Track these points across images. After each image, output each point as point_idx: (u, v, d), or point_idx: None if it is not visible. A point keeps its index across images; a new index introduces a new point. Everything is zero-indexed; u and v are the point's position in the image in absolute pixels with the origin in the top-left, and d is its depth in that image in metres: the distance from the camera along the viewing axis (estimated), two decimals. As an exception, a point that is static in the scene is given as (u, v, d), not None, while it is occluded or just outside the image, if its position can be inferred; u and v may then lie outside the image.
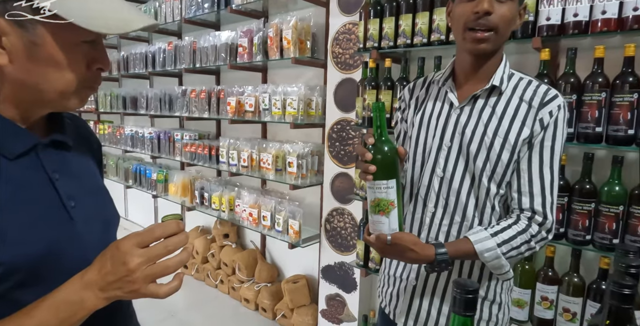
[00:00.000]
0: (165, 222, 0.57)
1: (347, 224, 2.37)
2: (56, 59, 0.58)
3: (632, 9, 1.30)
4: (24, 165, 0.60)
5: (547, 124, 0.98)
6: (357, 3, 2.18)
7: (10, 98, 0.59)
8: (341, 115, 2.34)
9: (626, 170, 1.41)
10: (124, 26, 0.57)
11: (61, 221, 0.62)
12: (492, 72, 1.03)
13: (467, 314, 0.51)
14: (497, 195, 1.03)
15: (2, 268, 0.53)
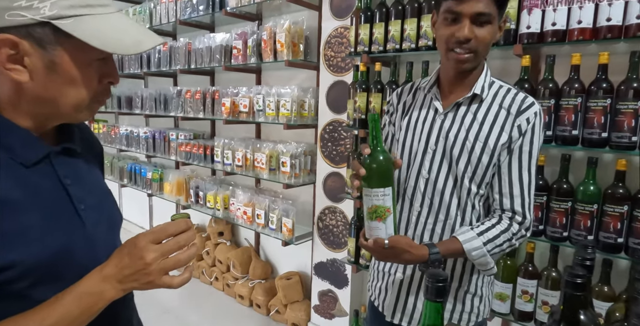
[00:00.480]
0: (176, 221, 0.64)
1: (339, 222, 2.45)
2: (72, 76, 0.63)
3: (606, 20, 1.38)
4: (39, 172, 0.66)
5: (525, 131, 1.06)
6: (349, 8, 2.24)
7: (27, 112, 0.65)
8: (333, 116, 2.41)
9: (600, 170, 1.49)
10: (136, 47, 0.63)
11: (73, 223, 0.68)
12: (474, 80, 1.10)
13: (438, 300, 0.58)
14: (477, 195, 1.11)
15: (22, 267, 0.59)
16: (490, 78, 1.13)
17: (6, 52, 0.59)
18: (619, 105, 1.37)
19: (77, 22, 0.59)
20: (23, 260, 0.59)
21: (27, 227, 0.60)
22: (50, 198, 0.66)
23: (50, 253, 0.62)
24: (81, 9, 0.60)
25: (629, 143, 1.37)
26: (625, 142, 1.38)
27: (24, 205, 0.61)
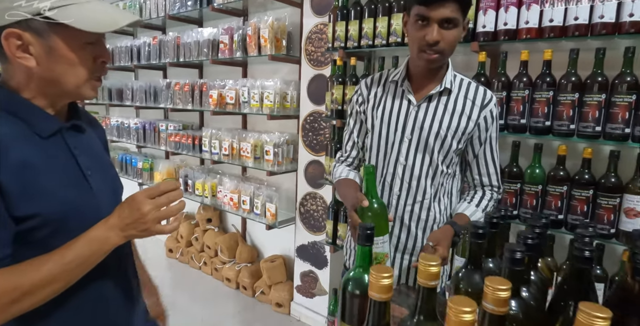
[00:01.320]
0: (167, 181, 0.79)
1: (319, 207, 2.61)
2: (69, 58, 0.76)
3: (549, 21, 1.55)
4: (53, 142, 0.80)
5: (492, 121, 1.26)
6: (328, 5, 2.39)
7: (39, 92, 0.79)
8: (314, 107, 2.56)
9: (545, 155, 1.67)
10: (112, 24, 0.77)
11: (82, 185, 0.82)
12: (443, 75, 1.26)
13: (367, 244, 0.75)
14: (446, 175, 1.29)
15: (41, 218, 0.74)
16: (454, 72, 1.29)
17: (14, 42, 0.73)
18: (560, 97, 1.55)
19: (63, 11, 0.73)
20: (42, 212, 0.74)
21: (45, 186, 0.75)
22: (62, 164, 0.80)
23: (63, 208, 0.77)
24: (67, 0, 0.74)
25: (568, 131, 1.55)
26: (565, 130, 1.56)
27: (42, 168, 0.76)
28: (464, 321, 0.48)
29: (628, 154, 1.53)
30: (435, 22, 1.11)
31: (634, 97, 1.42)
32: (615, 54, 1.48)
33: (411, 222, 1.31)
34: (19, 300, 0.69)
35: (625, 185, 1.49)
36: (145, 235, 0.77)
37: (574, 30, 1.51)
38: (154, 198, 0.77)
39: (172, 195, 0.78)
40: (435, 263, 0.55)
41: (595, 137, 1.51)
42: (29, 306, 0.70)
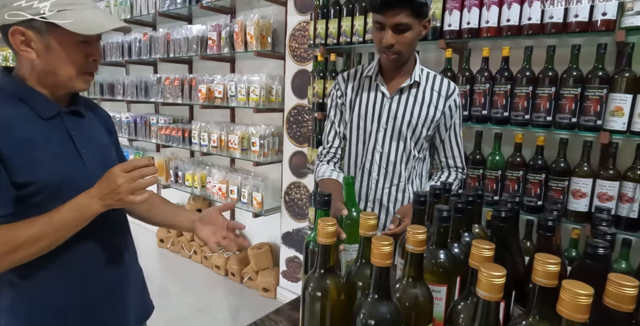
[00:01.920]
0: (141, 158, 0.92)
1: (303, 195, 2.76)
2: (63, 54, 0.89)
3: (506, 20, 1.71)
4: (52, 124, 0.93)
5: (455, 109, 1.40)
6: (310, 4, 2.53)
7: (40, 81, 0.93)
8: (298, 101, 2.70)
9: (504, 143, 1.83)
10: (98, 28, 0.90)
11: (76, 160, 0.95)
12: (411, 70, 1.39)
13: (324, 208, 0.89)
14: (418, 159, 1.44)
15: (37, 185, 0.87)
16: (421, 66, 1.43)
17: (19, 38, 0.87)
18: (516, 90, 1.71)
19: (59, 15, 0.87)
20: (38, 180, 0.87)
21: (42, 159, 0.88)
22: (59, 142, 0.94)
23: (56, 178, 0.90)
24: (63, 6, 0.87)
25: (524, 121, 1.71)
26: (520, 120, 1.71)
27: (40, 144, 0.89)
28: (384, 253, 0.62)
29: (575, 141, 1.70)
30: (389, 27, 1.24)
31: (579, 90, 1.58)
32: (564, 50, 1.64)
33: (389, 203, 1.46)
34: (13, 252, 0.82)
35: (572, 169, 1.65)
36: (121, 205, 0.88)
37: (528, 29, 1.67)
38: (128, 172, 0.88)
39: (144, 170, 0.88)
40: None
41: (547, 126, 1.67)
42: (22, 258, 0.84)
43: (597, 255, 0.65)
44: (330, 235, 0.70)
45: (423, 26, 1.31)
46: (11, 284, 0.92)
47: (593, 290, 0.49)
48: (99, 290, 1.01)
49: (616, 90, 1.52)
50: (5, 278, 0.91)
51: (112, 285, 1.04)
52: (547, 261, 0.56)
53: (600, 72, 1.54)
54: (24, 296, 0.92)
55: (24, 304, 0.92)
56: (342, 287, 0.73)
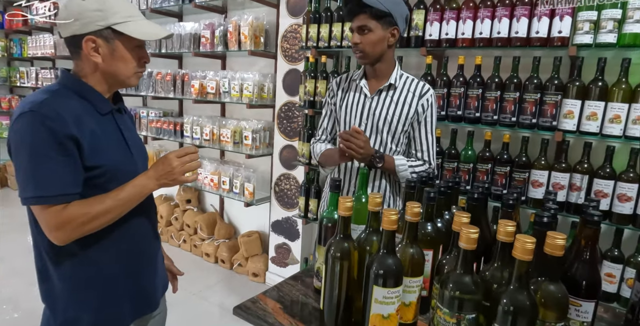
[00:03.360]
0: (189, 146, 1.12)
1: (292, 186, 2.97)
2: (124, 57, 1.07)
3: (479, 33, 1.96)
4: (107, 119, 1.10)
5: (427, 108, 1.62)
6: (302, 8, 2.72)
7: (100, 81, 1.09)
8: (288, 98, 2.90)
9: (476, 140, 2.10)
10: (155, 35, 1.10)
11: (125, 149, 1.13)
12: (389, 73, 1.62)
13: (335, 191, 1.11)
14: (395, 152, 1.65)
15: (102, 168, 1.04)
16: (400, 71, 1.66)
17: (90, 45, 1.04)
18: (486, 94, 1.97)
19: (123, 25, 1.05)
20: (102, 164, 1.04)
21: (104, 148, 1.06)
22: (113, 135, 1.11)
23: (115, 163, 1.07)
24: (126, 18, 1.06)
25: (492, 121, 1.98)
26: (490, 120, 1.98)
27: (101, 135, 1.06)
28: (391, 219, 0.85)
29: (536, 139, 1.98)
30: (355, 29, 1.51)
31: (539, 95, 1.86)
32: (527, 61, 1.91)
33: (368, 188, 1.69)
34: (87, 223, 1.00)
35: (532, 162, 1.94)
36: (174, 183, 1.09)
37: (497, 41, 1.93)
38: (180, 157, 1.08)
39: (192, 156, 1.10)
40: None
41: (512, 125, 1.94)
42: (95, 228, 1.02)
43: (542, 223, 0.90)
44: (348, 209, 0.92)
45: (391, 34, 1.52)
46: (71, 254, 1.08)
47: (535, 239, 0.73)
48: (142, 258, 1.20)
49: (568, 96, 1.80)
50: (68, 249, 1.08)
51: (150, 254, 1.23)
52: (507, 224, 0.80)
53: (556, 80, 1.82)
54: (82, 264, 1.09)
55: (82, 271, 1.10)
56: (357, 249, 0.95)
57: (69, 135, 0.97)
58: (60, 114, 0.98)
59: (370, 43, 1.50)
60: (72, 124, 0.99)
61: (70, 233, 1.00)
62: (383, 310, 0.87)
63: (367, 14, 1.46)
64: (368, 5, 1.44)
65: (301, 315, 1.07)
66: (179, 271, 1.51)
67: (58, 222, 0.98)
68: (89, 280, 1.11)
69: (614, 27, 1.69)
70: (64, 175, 0.99)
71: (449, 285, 0.80)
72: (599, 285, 0.98)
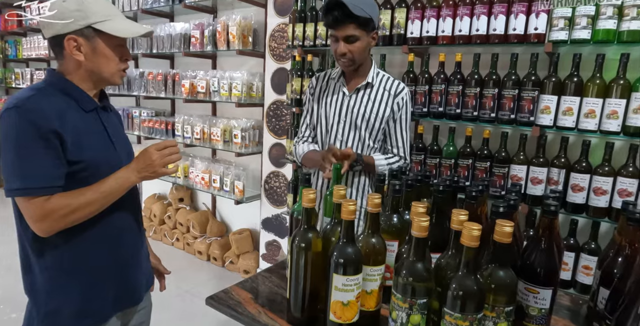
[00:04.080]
0: (169, 140, 1.14)
1: (282, 184, 3.00)
2: (106, 55, 1.11)
3: (458, 30, 1.99)
4: (92, 116, 1.13)
5: (402, 106, 1.65)
6: (289, 7, 2.75)
7: (84, 79, 1.13)
8: (277, 97, 2.93)
9: (457, 136, 2.13)
10: (134, 33, 1.13)
11: (109, 146, 1.16)
12: (367, 72, 1.65)
13: (306, 185, 1.14)
14: (372, 148, 1.69)
15: (85, 163, 1.07)
16: (377, 70, 1.69)
17: (72, 44, 1.08)
18: (467, 90, 2.00)
19: (103, 24, 1.09)
20: (85, 159, 1.08)
21: (87, 143, 1.09)
22: (97, 131, 1.15)
23: (97, 158, 1.11)
24: (106, 17, 1.10)
25: (473, 117, 2.01)
26: (470, 116, 2.01)
27: (85, 131, 1.10)
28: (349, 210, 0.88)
29: (515, 134, 2.01)
30: (341, 39, 1.50)
31: (517, 91, 1.88)
32: (505, 57, 1.94)
33: (346, 184, 1.72)
34: (69, 214, 1.03)
35: (511, 158, 1.96)
36: (155, 176, 1.11)
37: (476, 38, 1.96)
38: (160, 150, 1.10)
39: (172, 148, 1.13)
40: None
41: (492, 121, 1.97)
42: (77, 219, 1.05)
43: (498, 212, 0.93)
44: (311, 201, 0.95)
45: (372, 37, 1.56)
46: (53, 246, 1.11)
47: (480, 226, 0.76)
48: (125, 251, 1.22)
49: (545, 92, 1.83)
50: (50, 240, 1.10)
51: (133, 248, 1.26)
52: (460, 213, 0.83)
53: (533, 76, 1.85)
54: (64, 256, 1.12)
55: (64, 263, 1.12)
56: (320, 239, 0.98)
57: (51, 129, 1.01)
58: (44, 110, 1.02)
59: (359, 51, 1.52)
60: (55, 119, 1.02)
61: (53, 225, 1.03)
62: (343, 297, 0.90)
63: (355, 24, 1.46)
64: (355, 16, 1.43)
65: (271, 304, 1.10)
66: (165, 270, 1.54)
67: (41, 213, 1.02)
68: (70, 272, 1.13)
69: (587, 23, 1.71)
70: (47, 168, 1.02)
71: (401, 272, 0.83)
72: (556, 273, 1.01)
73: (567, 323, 1.09)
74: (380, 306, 1.00)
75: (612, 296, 0.91)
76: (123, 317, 1.28)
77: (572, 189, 1.81)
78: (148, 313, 1.43)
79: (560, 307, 1.19)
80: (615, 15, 1.66)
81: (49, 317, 1.14)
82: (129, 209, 1.23)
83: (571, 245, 1.83)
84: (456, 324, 0.78)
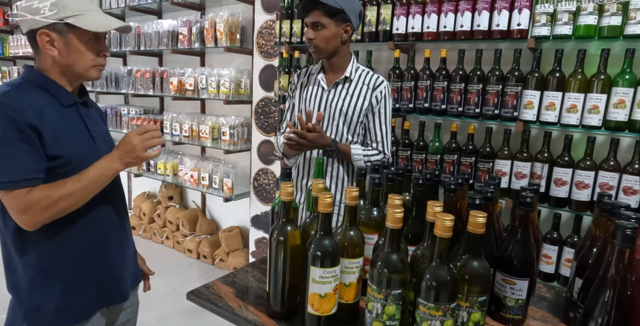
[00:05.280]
0: (149, 124, 1.12)
1: (271, 181, 3.00)
2: (80, 50, 1.09)
3: (443, 27, 2.00)
4: (71, 111, 1.12)
5: (380, 99, 1.65)
6: (277, 4, 2.75)
7: (60, 74, 1.12)
8: (265, 94, 2.93)
9: (443, 131, 2.14)
10: (107, 26, 1.10)
11: (89, 141, 1.15)
12: (345, 67, 1.66)
13: (286, 179, 1.14)
14: (351, 142, 1.69)
15: (64, 158, 1.06)
16: (357, 64, 1.70)
17: (45, 39, 1.07)
18: (451, 86, 2.01)
19: (75, 18, 1.08)
20: (64, 154, 1.07)
21: (66, 138, 1.08)
22: (76, 126, 1.14)
23: (77, 152, 1.10)
24: (78, 11, 1.08)
25: (458, 112, 2.02)
26: (455, 112, 2.02)
27: (64, 126, 1.09)
28: (325, 202, 0.88)
29: (499, 130, 2.03)
30: (309, 25, 1.55)
31: (501, 87, 1.90)
32: (490, 53, 1.96)
33: (326, 177, 1.73)
34: (51, 206, 1.02)
35: (496, 153, 1.98)
36: (138, 161, 1.10)
37: (461, 34, 1.97)
38: (141, 134, 1.09)
39: (153, 132, 1.11)
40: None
41: (476, 116, 1.99)
42: (60, 211, 1.04)
43: (474, 204, 0.94)
44: (289, 194, 0.96)
45: (344, 30, 1.57)
46: (35, 243, 1.10)
47: (453, 217, 0.77)
48: (109, 247, 1.21)
49: (528, 87, 1.85)
50: (32, 237, 1.09)
51: (118, 244, 1.24)
52: (435, 204, 0.84)
53: (517, 72, 1.87)
54: (46, 252, 1.11)
55: (46, 259, 1.11)
56: (298, 232, 0.98)
57: (29, 124, 1.01)
58: (21, 104, 1.02)
59: (323, 39, 1.54)
60: (32, 114, 1.02)
61: (36, 217, 1.02)
62: (320, 289, 0.90)
63: (321, 11, 1.50)
64: (321, 2, 1.47)
65: (252, 298, 1.10)
66: (149, 271, 1.51)
67: (22, 205, 1.01)
68: (53, 268, 1.13)
69: (569, 19, 1.73)
70: (26, 161, 1.02)
71: (376, 263, 0.84)
72: (532, 264, 1.02)
73: (545, 313, 1.11)
74: (359, 299, 1.01)
75: (585, 286, 0.93)
76: (108, 315, 1.27)
77: (555, 183, 1.83)
78: (134, 311, 1.42)
79: (541, 299, 1.20)
80: (595, 11, 1.68)
81: (31, 313, 1.13)
82: (112, 205, 1.22)
83: (554, 239, 1.86)
84: (430, 314, 0.79)
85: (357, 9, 1.57)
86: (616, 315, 0.75)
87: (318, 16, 1.51)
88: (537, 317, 1.09)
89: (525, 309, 1.03)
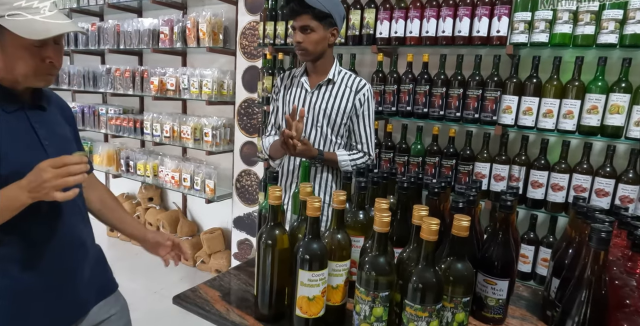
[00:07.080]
0: (73, 155, 0.89)
1: (253, 182, 2.99)
2: (16, 55, 0.93)
3: (425, 32, 2.04)
4: (16, 117, 0.98)
5: (363, 102, 1.68)
6: (260, 5, 2.74)
7: (3, 78, 0.96)
8: (248, 95, 2.92)
9: (425, 134, 2.19)
10: (45, 33, 0.91)
11: (38, 150, 0.99)
12: (328, 69, 1.68)
13: (273, 183, 1.15)
14: (335, 144, 1.71)
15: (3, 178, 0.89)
16: (339, 67, 1.72)
17: None
18: (433, 90, 2.06)
19: (11, 19, 0.89)
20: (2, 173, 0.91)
21: (5, 151, 0.94)
22: (22, 134, 0.99)
23: (20, 167, 0.92)
24: (15, 10, 0.90)
25: (439, 116, 2.07)
26: (436, 115, 2.07)
27: (4, 135, 0.94)
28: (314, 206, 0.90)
29: (479, 133, 2.08)
30: (297, 28, 1.56)
31: (480, 92, 1.95)
32: (470, 59, 2.01)
33: (310, 180, 1.74)
34: None
35: (476, 155, 2.03)
36: (48, 198, 0.89)
37: (442, 40, 2.01)
38: (57, 167, 0.87)
39: (72, 168, 0.88)
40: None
41: (457, 120, 2.04)
42: None
43: (457, 208, 0.97)
44: (277, 198, 0.97)
45: (331, 33, 1.60)
46: None
47: (439, 221, 0.80)
48: (62, 271, 1.06)
49: (507, 93, 1.90)
50: None
51: (69, 263, 1.09)
52: (420, 208, 0.86)
53: (496, 77, 1.92)
54: None
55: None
56: (286, 236, 0.99)
57: None
58: None
59: (312, 42, 1.56)
60: None
61: None
62: (309, 292, 0.92)
63: (310, 15, 1.52)
64: (310, 6, 1.49)
65: (239, 302, 1.10)
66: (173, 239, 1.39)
67: None
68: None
69: (546, 27, 1.79)
70: None
71: (364, 266, 0.86)
72: (512, 265, 1.06)
73: (524, 312, 1.15)
74: (347, 301, 1.02)
75: (562, 286, 0.97)
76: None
77: (531, 185, 1.89)
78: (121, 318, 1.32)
79: (519, 298, 1.24)
80: (570, 20, 1.75)
81: None
82: (62, 218, 1.06)
83: (531, 239, 1.92)
84: (416, 315, 0.81)
85: (342, 13, 1.60)
86: (592, 314, 0.79)
87: (307, 20, 1.52)
88: (516, 316, 1.13)
89: (505, 308, 1.06)
